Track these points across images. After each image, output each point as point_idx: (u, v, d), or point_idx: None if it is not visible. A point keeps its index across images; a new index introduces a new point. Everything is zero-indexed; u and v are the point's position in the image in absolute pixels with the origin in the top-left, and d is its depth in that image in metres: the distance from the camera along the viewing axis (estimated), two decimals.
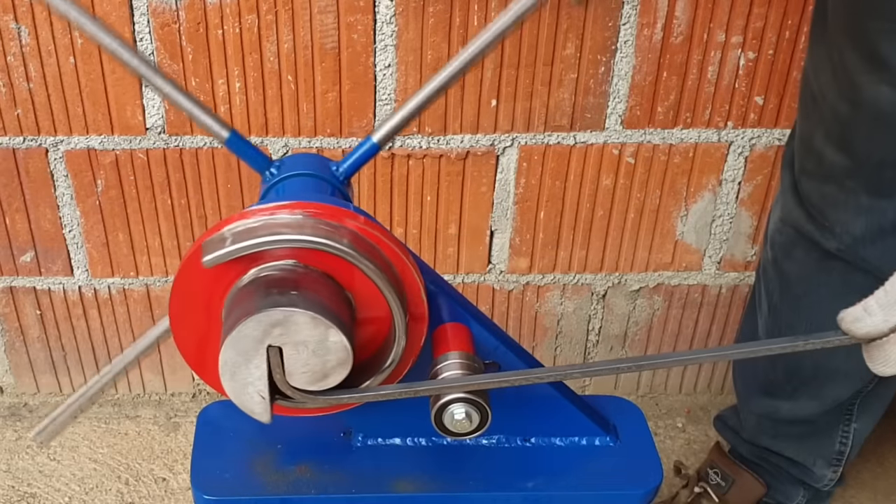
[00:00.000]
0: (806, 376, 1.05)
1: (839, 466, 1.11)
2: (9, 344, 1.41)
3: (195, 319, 0.68)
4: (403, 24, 1.13)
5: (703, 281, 1.37)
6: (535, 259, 1.33)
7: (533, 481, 0.80)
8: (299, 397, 0.66)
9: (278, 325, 0.61)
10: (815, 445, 1.11)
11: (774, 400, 1.10)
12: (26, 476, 1.34)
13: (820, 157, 0.94)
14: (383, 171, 1.24)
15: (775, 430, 1.12)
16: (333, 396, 0.67)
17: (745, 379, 1.15)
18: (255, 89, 1.17)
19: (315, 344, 0.63)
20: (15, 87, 1.16)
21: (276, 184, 0.74)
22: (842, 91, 0.89)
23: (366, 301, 0.67)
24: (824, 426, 1.09)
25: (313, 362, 0.64)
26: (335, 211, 0.65)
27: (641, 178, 1.26)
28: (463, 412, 0.68)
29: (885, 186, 0.90)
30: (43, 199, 1.25)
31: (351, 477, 0.78)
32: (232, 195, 1.25)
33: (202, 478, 0.78)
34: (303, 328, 0.62)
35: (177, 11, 1.11)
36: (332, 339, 0.62)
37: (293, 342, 0.62)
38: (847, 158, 0.91)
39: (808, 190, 0.97)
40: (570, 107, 1.20)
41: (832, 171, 0.93)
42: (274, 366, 0.63)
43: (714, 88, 1.19)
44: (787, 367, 1.07)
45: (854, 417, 1.07)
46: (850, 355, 1.01)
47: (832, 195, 0.94)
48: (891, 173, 0.89)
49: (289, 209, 0.64)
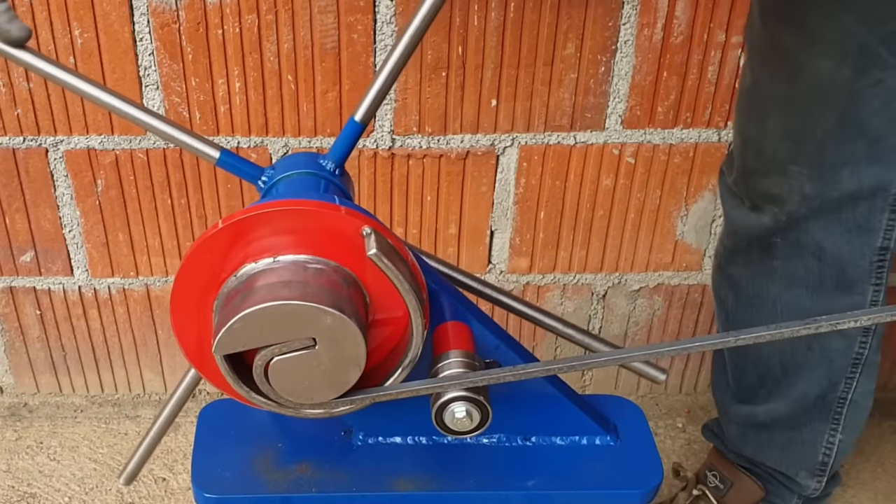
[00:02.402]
0: (776, 375, 1.06)
1: (823, 476, 1.11)
2: (9, 344, 1.41)
3: (196, 316, 0.69)
4: (403, 24, 1.13)
5: (704, 281, 1.37)
6: (535, 259, 1.33)
7: (533, 480, 0.80)
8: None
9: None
10: (798, 455, 1.11)
11: (750, 406, 1.10)
12: (26, 476, 1.33)
13: (760, 148, 0.95)
14: (383, 171, 1.24)
15: (757, 438, 1.12)
16: (345, 398, 0.68)
17: (720, 390, 1.15)
18: (255, 89, 1.17)
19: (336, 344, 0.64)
20: (15, 87, 1.16)
21: (270, 188, 0.75)
22: (779, 73, 0.89)
23: (382, 303, 0.68)
24: (807, 435, 1.09)
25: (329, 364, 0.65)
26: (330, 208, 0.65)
27: (641, 178, 1.26)
28: (463, 410, 0.68)
29: (828, 168, 0.90)
30: (43, 199, 1.25)
31: (351, 475, 0.78)
32: (232, 195, 1.25)
33: (203, 476, 0.78)
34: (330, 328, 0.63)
35: (177, 11, 1.11)
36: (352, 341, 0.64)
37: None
38: (788, 143, 0.91)
39: (752, 183, 0.97)
40: (571, 107, 1.20)
41: (774, 160, 0.93)
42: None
43: (714, 88, 1.19)
44: (759, 371, 1.08)
45: (840, 428, 1.07)
46: (811, 349, 1.02)
47: (776, 184, 0.94)
48: (832, 154, 0.89)
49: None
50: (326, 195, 0.71)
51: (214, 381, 0.70)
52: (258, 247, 0.65)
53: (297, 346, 0.64)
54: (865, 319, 0.61)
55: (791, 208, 0.94)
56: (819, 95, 0.87)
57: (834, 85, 0.86)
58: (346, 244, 0.65)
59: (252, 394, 0.67)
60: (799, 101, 0.89)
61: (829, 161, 0.89)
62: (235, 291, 0.65)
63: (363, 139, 1.21)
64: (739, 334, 0.63)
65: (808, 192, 0.92)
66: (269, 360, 0.65)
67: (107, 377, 1.45)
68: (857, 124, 0.87)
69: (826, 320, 0.61)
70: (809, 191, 0.92)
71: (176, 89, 1.16)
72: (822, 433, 1.07)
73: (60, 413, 1.45)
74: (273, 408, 0.68)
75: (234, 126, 1.19)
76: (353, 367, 0.66)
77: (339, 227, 0.65)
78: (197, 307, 0.68)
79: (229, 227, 0.65)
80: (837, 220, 0.92)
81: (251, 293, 0.63)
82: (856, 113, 0.86)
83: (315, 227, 0.65)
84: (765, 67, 0.92)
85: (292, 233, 0.65)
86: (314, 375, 0.65)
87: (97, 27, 1.12)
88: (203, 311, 0.68)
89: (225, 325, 0.62)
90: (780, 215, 0.95)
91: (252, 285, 0.64)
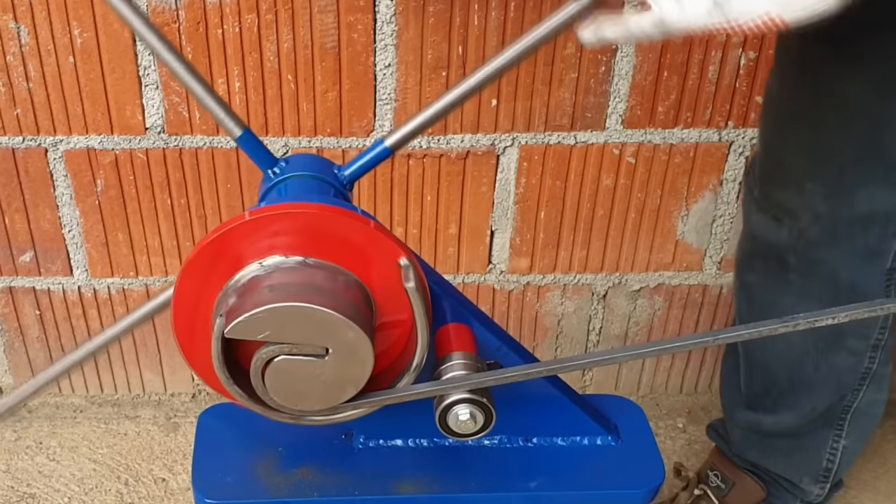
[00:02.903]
0: (783, 388, 1.06)
1: (826, 483, 1.11)
2: (8, 344, 1.40)
3: (197, 312, 0.68)
4: (403, 23, 1.12)
5: (704, 281, 1.37)
6: (535, 259, 1.33)
7: (535, 481, 0.80)
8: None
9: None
10: (802, 462, 1.11)
11: (756, 413, 1.10)
12: (26, 476, 1.33)
13: (780, 159, 0.94)
14: (383, 171, 1.24)
15: (762, 444, 1.12)
16: (349, 403, 0.68)
17: (729, 393, 1.15)
18: (254, 89, 1.16)
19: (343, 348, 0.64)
20: (14, 87, 1.16)
21: (277, 183, 0.74)
22: (805, 91, 0.89)
23: (387, 306, 0.68)
24: (811, 442, 1.08)
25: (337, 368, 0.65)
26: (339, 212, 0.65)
27: (642, 177, 1.26)
28: (467, 413, 0.68)
29: (843, 190, 0.90)
30: (42, 199, 1.25)
31: (353, 479, 0.78)
32: (232, 195, 1.25)
33: (203, 481, 0.77)
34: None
35: (177, 11, 1.11)
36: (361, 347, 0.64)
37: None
38: (808, 159, 0.91)
39: (770, 192, 0.97)
40: (571, 106, 1.20)
41: (791, 174, 0.93)
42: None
43: (715, 88, 1.19)
44: (765, 381, 1.08)
45: (844, 434, 1.07)
46: (820, 367, 1.01)
47: (792, 199, 0.94)
48: (849, 175, 0.89)
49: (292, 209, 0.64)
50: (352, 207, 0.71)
51: (211, 383, 0.70)
52: (283, 242, 0.65)
53: (309, 351, 0.64)
54: (843, 316, 0.61)
55: (804, 225, 0.93)
56: (843, 118, 0.87)
57: (860, 109, 0.85)
58: (369, 258, 0.65)
59: (235, 386, 0.67)
60: (822, 120, 0.89)
61: (846, 182, 0.89)
62: (259, 280, 0.64)
63: (363, 139, 1.21)
64: (719, 334, 0.63)
65: (821, 210, 0.91)
66: (273, 358, 0.64)
67: (106, 377, 1.45)
68: (877, 149, 0.87)
69: (804, 317, 0.62)
70: (823, 209, 0.91)
71: (175, 89, 1.16)
72: (826, 439, 1.07)
73: (60, 413, 1.44)
74: (261, 410, 0.68)
75: None
76: (350, 386, 0.66)
77: (369, 243, 0.65)
78: (198, 303, 0.67)
79: (257, 221, 0.64)
80: (851, 248, 0.93)
81: (282, 288, 0.63)
82: (878, 138, 0.86)
83: (346, 237, 0.65)
84: (792, 81, 0.91)
85: (321, 238, 0.65)
86: (312, 383, 0.65)
87: (97, 27, 1.12)
88: (204, 308, 0.67)
89: (248, 312, 0.62)
90: (794, 232, 0.95)
91: (282, 280, 0.64)
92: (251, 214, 0.64)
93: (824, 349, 1.01)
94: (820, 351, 1.01)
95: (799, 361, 1.03)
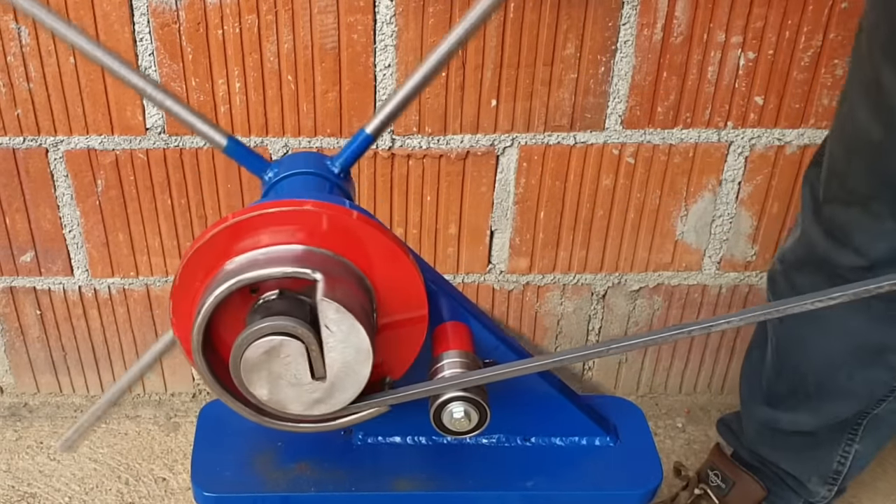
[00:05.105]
0: (808, 392, 1.05)
1: (834, 485, 1.11)
2: (9, 344, 1.41)
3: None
4: (403, 24, 1.13)
5: (703, 281, 1.37)
6: (535, 259, 1.33)
7: (532, 481, 0.80)
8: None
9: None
10: (813, 461, 1.10)
11: (775, 411, 1.10)
12: (26, 476, 1.33)
13: (844, 178, 0.92)
14: (383, 171, 1.24)
15: (774, 440, 1.12)
16: (342, 410, 0.68)
17: (749, 386, 1.14)
18: (255, 89, 1.17)
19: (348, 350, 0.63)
20: (15, 87, 1.16)
21: (274, 184, 0.74)
22: (876, 113, 0.86)
23: (389, 306, 0.68)
24: (824, 442, 1.08)
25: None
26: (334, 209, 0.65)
27: (641, 178, 1.26)
28: (462, 411, 0.68)
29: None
30: (43, 199, 1.25)
31: (351, 475, 0.78)
32: (232, 195, 1.25)
33: (202, 475, 0.78)
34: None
35: (177, 11, 1.11)
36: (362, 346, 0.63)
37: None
38: (875, 181, 0.89)
39: (831, 211, 0.95)
40: (570, 107, 1.20)
41: (857, 194, 0.91)
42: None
43: (714, 88, 1.19)
44: (792, 382, 1.06)
45: (857, 438, 1.06)
46: (853, 378, 1.00)
47: (856, 218, 0.92)
48: None
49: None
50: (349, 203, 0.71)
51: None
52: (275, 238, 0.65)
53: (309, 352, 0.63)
54: (838, 296, 0.61)
55: (869, 243, 0.91)
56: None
57: None
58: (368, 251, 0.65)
59: (208, 374, 0.66)
60: (892, 150, 0.86)
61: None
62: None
63: None
64: (700, 323, 0.62)
65: (889, 230, 0.89)
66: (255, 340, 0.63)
67: (107, 377, 1.45)
68: None
69: (797, 300, 0.61)
70: (891, 229, 0.89)
71: (176, 89, 1.17)
72: (839, 441, 1.06)
73: (60, 413, 1.45)
74: (242, 410, 0.68)
75: (234, 126, 1.19)
76: (327, 403, 0.65)
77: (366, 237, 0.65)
78: (197, 302, 0.67)
79: (257, 218, 0.64)
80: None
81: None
82: None
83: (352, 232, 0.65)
84: (864, 104, 0.88)
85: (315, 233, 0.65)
86: (294, 383, 0.64)
87: (97, 27, 1.12)
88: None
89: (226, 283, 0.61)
90: (858, 248, 0.92)
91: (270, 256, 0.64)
92: (250, 211, 0.64)
93: (865, 361, 0.99)
94: (860, 362, 1.00)
95: (833, 370, 1.02)
